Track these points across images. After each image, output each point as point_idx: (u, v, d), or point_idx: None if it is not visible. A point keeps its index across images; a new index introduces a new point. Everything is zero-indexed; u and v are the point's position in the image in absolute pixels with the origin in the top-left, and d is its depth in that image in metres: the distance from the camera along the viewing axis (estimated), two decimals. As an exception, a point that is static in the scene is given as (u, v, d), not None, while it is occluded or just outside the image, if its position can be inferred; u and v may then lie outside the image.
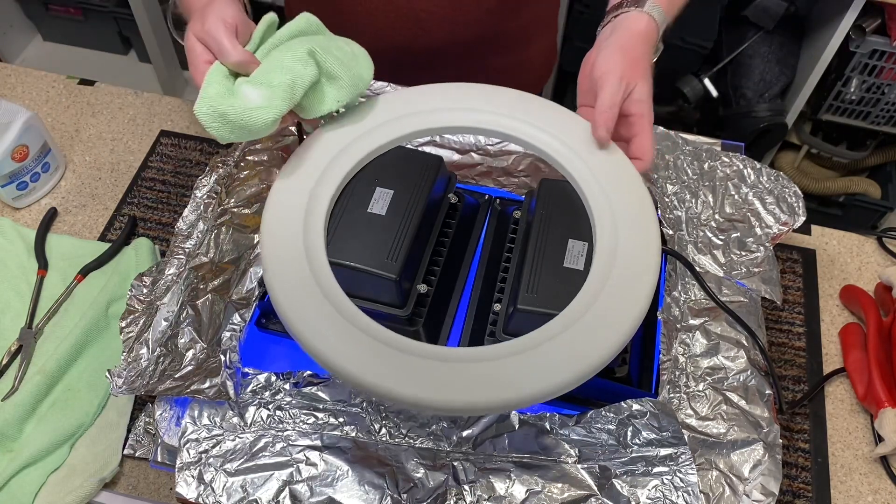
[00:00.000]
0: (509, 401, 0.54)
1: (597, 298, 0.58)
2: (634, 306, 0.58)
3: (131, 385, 0.64)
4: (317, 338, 0.56)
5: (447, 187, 0.75)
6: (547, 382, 0.54)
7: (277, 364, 0.71)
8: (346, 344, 0.56)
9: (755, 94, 1.61)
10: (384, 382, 0.54)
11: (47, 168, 0.89)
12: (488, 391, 0.54)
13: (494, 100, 0.70)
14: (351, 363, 0.55)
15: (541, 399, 0.55)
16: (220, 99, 0.58)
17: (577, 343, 0.56)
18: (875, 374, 0.72)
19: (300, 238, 0.61)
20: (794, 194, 0.77)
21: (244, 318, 0.68)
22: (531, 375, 0.54)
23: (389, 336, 0.56)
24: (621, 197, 0.63)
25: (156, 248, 0.84)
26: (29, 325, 0.78)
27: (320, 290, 0.58)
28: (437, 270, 0.71)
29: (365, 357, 0.55)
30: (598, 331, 0.56)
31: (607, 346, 0.56)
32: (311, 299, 0.58)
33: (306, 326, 0.57)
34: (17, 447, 0.70)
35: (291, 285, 0.59)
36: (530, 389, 0.54)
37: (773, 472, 0.60)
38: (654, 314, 0.71)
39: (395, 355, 0.55)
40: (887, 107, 1.56)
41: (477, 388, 0.54)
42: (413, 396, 0.53)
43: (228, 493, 0.59)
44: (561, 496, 0.58)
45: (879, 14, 1.43)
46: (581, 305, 0.58)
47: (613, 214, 0.62)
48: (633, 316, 0.57)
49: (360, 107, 0.69)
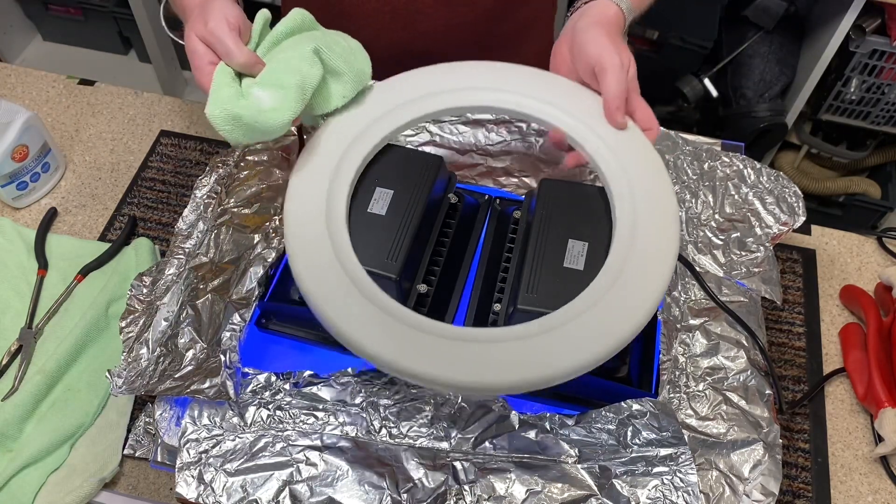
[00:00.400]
0: (543, 377, 0.54)
1: (620, 275, 0.57)
2: (656, 282, 0.57)
3: (131, 385, 0.64)
4: (355, 329, 0.56)
5: (447, 187, 0.75)
6: (577, 358, 0.54)
7: (277, 364, 0.71)
8: (378, 328, 0.56)
9: (755, 94, 1.61)
10: (421, 367, 0.54)
11: (47, 168, 0.89)
12: (521, 369, 0.54)
13: (505, 76, 0.69)
14: (386, 348, 0.55)
15: (573, 374, 0.55)
16: (232, 101, 0.58)
17: (604, 319, 0.56)
18: (875, 374, 0.72)
19: (323, 223, 0.61)
20: (794, 194, 0.77)
21: (244, 318, 0.68)
22: (562, 351, 0.54)
23: (418, 319, 0.56)
24: (640, 171, 0.63)
25: (156, 248, 0.84)
26: (29, 325, 0.78)
27: (347, 277, 0.58)
28: (437, 270, 0.71)
29: (399, 342, 0.55)
30: (622, 305, 0.56)
31: (634, 320, 0.56)
32: (342, 290, 0.58)
33: (346, 323, 0.56)
34: (17, 447, 0.70)
35: (318, 269, 0.58)
36: (562, 365, 0.54)
37: (773, 472, 0.60)
38: (655, 314, 0.71)
39: (424, 338, 0.55)
40: (887, 107, 1.56)
41: (508, 367, 0.54)
42: (451, 378, 0.54)
43: (228, 493, 0.59)
44: (561, 496, 0.58)
45: (879, 14, 1.43)
46: (604, 283, 0.57)
47: (632, 188, 0.62)
48: (654, 291, 0.57)
49: (370, 93, 0.68)
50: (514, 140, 0.85)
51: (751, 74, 1.60)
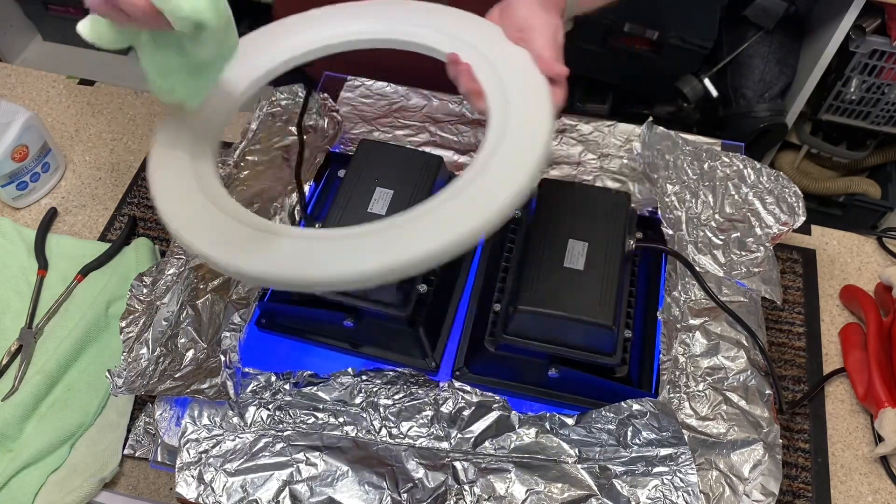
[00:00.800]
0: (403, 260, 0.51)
1: (485, 168, 0.55)
2: (520, 175, 0.54)
3: (131, 385, 0.64)
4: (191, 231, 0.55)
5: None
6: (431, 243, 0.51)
7: (277, 364, 0.71)
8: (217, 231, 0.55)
9: (755, 94, 1.61)
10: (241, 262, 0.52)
11: (47, 168, 0.89)
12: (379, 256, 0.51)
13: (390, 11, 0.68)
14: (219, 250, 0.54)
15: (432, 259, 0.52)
16: None
17: (463, 208, 0.53)
18: (875, 374, 0.72)
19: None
20: (794, 194, 0.77)
21: (244, 318, 0.68)
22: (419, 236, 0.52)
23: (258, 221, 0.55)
24: (513, 75, 0.60)
25: (156, 248, 0.84)
26: (29, 325, 0.78)
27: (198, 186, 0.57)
28: (437, 270, 0.71)
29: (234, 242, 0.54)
30: (486, 194, 0.53)
31: (495, 205, 0.52)
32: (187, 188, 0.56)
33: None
34: (17, 447, 0.70)
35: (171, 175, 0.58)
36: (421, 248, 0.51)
37: (773, 472, 0.60)
38: (655, 314, 0.71)
39: (257, 235, 0.54)
40: (887, 107, 1.56)
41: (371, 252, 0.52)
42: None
43: (228, 493, 0.59)
44: (561, 496, 0.58)
45: (879, 14, 1.43)
46: (468, 177, 0.55)
47: (504, 89, 0.60)
48: (517, 182, 0.54)
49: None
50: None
51: (751, 74, 1.60)
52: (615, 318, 0.62)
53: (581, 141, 0.85)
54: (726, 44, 1.63)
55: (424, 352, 0.69)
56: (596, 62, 1.63)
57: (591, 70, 1.67)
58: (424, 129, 0.86)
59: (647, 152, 0.79)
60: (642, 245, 0.69)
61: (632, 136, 0.85)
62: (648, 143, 0.80)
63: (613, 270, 0.64)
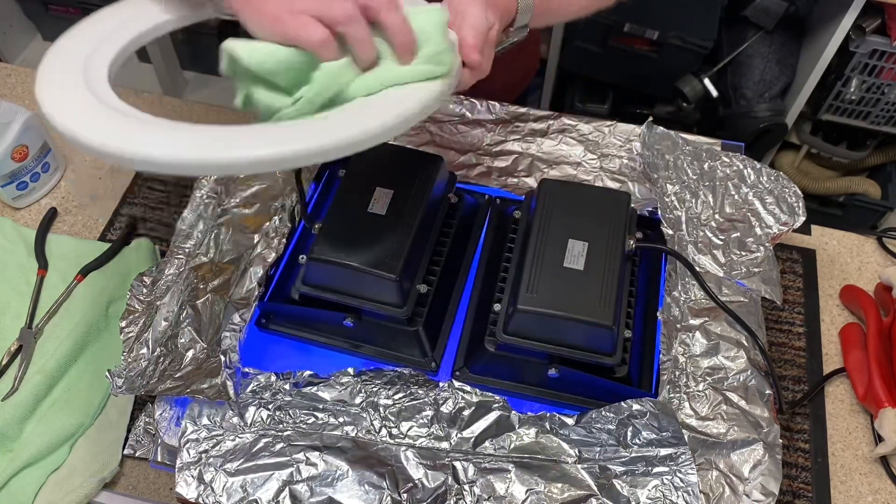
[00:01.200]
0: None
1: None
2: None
3: (131, 385, 0.64)
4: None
5: (447, 187, 0.75)
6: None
7: (277, 364, 0.71)
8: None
9: (755, 94, 1.61)
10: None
11: (47, 168, 0.89)
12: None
13: None
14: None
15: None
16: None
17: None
18: (875, 374, 0.72)
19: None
20: (794, 194, 0.77)
21: (244, 318, 0.68)
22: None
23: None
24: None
25: (156, 248, 0.84)
26: (29, 325, 0.78)
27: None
28: (437, 270, 0.71)
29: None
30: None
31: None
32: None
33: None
34: (17, 447, 0.70)
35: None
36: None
37: (773, 472, 0.60)
38: (655, 314, 0.71)
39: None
40: (887, 107, 1.56)
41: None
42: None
43: (228, 493, 0.59)
44: (561, 496, 0.58)
45: (879, 14, 1.43)
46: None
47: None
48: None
49: None
50: (514, 140, 0.85)
51: (751, 74, 1.60)
52: (615, 318, 0.62)
53: (581, 141, 0.85)
54: (726, 44, 1.63)
55: (424, 352, 0.70)
56: (596, 62, 1.63)
57: (591, 70, 1.67)
58: (424, 129, 0.86)
59: (647, 152, 0.79)
60: (642, 245, 0.69)
61: (632, 136, 0.85)
62: (648, 143, 0.80)
63: (613, 270, 0.64)
